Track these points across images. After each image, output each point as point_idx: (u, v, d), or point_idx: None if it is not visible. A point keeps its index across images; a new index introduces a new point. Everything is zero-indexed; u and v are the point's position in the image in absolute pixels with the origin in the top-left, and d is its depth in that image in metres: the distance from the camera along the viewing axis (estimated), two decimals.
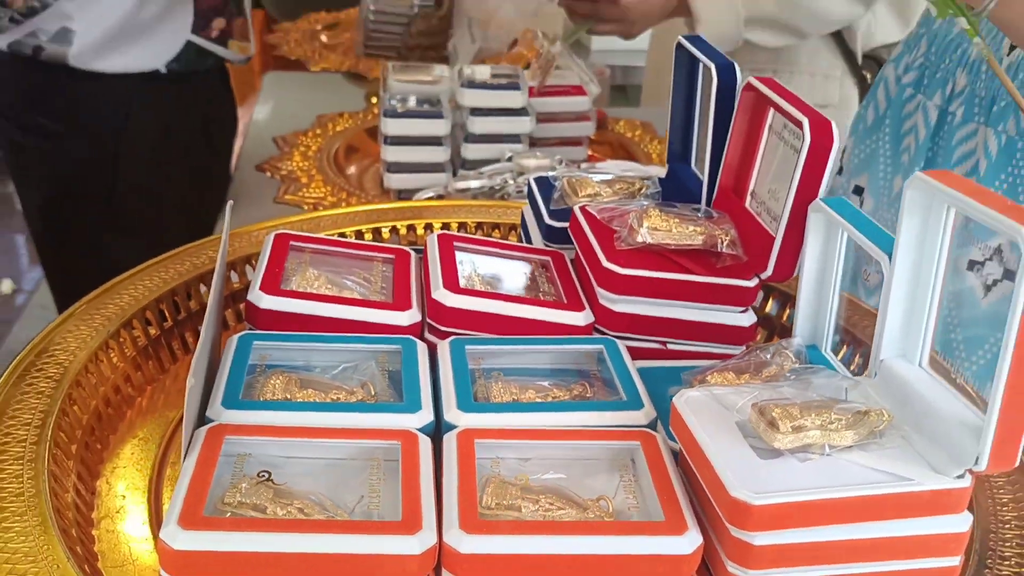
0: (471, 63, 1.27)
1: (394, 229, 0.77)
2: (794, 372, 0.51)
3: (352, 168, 1.14)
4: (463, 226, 0.79)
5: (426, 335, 0.57)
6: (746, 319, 0.58)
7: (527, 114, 1.03)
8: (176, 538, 0.39)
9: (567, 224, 0.63)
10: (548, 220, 0.65)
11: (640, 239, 0.57)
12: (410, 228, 0.77)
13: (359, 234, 0.76)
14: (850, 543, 0.41)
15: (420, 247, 0.64)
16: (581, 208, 0.62)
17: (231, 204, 0.62)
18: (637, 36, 1.26)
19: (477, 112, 1.02)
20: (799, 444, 0.42)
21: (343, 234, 0.74)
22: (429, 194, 1.01)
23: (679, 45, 0.65)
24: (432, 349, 0.55)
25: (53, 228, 1.15)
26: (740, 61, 1.56)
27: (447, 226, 0.78)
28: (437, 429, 0.49)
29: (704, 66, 0.62)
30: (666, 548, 0.41)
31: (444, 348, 0.54)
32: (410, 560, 0.40)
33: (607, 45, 2.10)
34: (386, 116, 1.01)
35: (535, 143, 1.07)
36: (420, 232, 0.77)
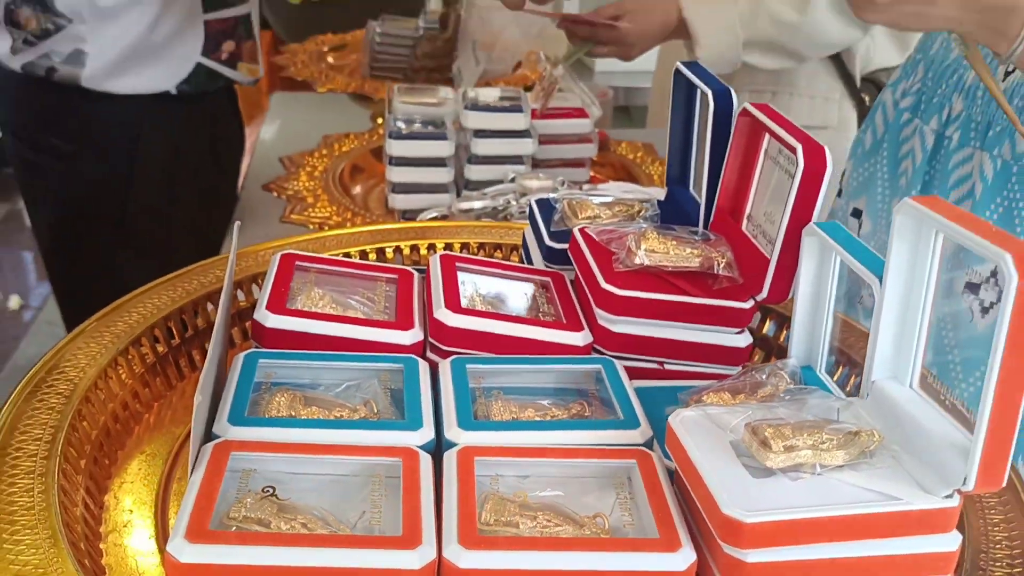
0: (475, 85, 1.29)
1: (398, 249, 0.78)
2: (789, 393, 0.52)
3: (357, 188, 1.15)
4: (466, 246, 0.80)
5: (428, 354, 0.58)
6: (742, 340, 0.59)
7: (530, 136, 1.04)
8: (183, 551, 0.40)
9: (567, 245, 0.65)
10: (548, 241, 0.67)
11: (638, 261, 0.58)
12: (413, 248, 0.79)
13: (363, 254, 0.77)
14: (841, 561, 0.42)
15: (423, 267, 0.66)
16: (580, 230, 0.63)
17: (238, 224, 0.63)
18: (635, 58, 1.28)
19: (481, 134, 1.04)
20: (791, 463, 0.43)
21: (348, 254, 0.76)
22: (433, 214, 1.02)
23: (677, 71, 0.67)
24: (434, 368, 0.56)
25: (63, 247, 1.17)
26: (739, 83, 1.58)
27: (450, 246, 0.79)
28: (438, 446, 0.50)
29: (701, 92, 0.63)
30: (660, 565, 0.42)
31: (445, 367, 0.55)
32: (410, 574, 0.41)
33: (611, 67, 2.12)
34: (391, 137, 1.03)
35: (537, 164, 1.09)
36: (423, 252, 0.79)
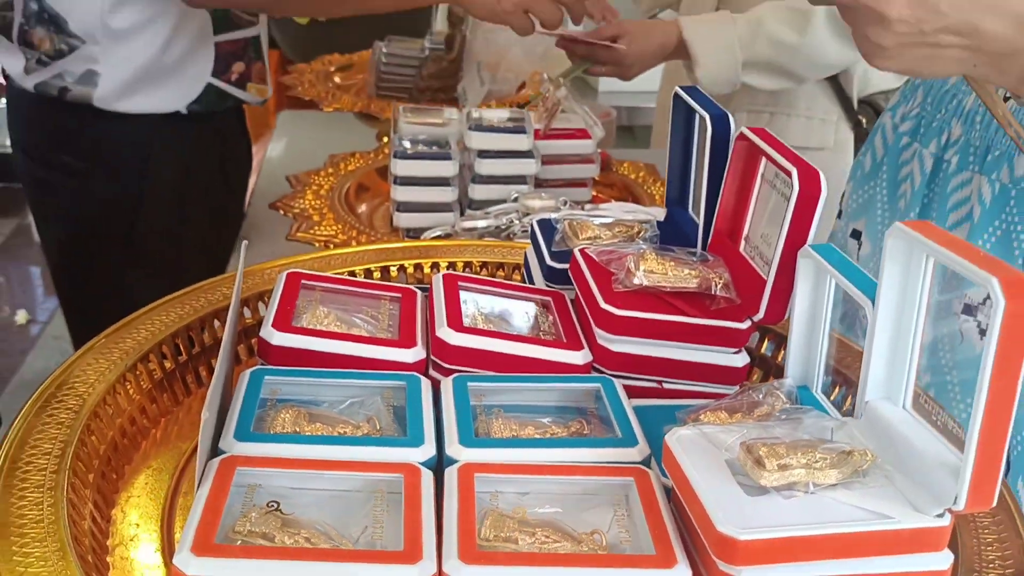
0: (480, 105, 1.30)
1: (402, 268, 0.80)
2: (785, 412, 0.53)
3: (363, 207, 1.17)
4: (468, 265, 0.81)
5: (430, 372, 0.59)
6: (739, 360, 0.60)
7: (533, 156, 1.06)
8: (189, 564, 0.41)
9: (567, 266, 0.66)
10: (549, 261, 0.68)
11: (637, 281, 0.59)
12: (417, 267, 0.80)
13: (368, 272, 0.78)
14: None
15: (427, 285, 0.67)
16: (581, 251, 0.64)
17: (245, 243, 0.65)
18: (633, 78, 1.29)
19: (484, 154, 1.05)
20: (784, 482, 0.44)
21: (353, 272, 0.77)
22: (437, 233, 1.03)
23: (676, 95, 0.68)
24: (436, 385, 0.57)
25: (73, 264, 1.18)
26: (738, 103, 1.59)
27: (453, 265, 0.80)
28: (439, 463, 0.51)
29: (700, 116, 0.65)
30: None
31: (447, 385, 0.56)
32: None
33: (614, 87, 2.14)
34: (396, 157, 1.04)
35: (540, 184, 1.10)
36: (427, 271, 0.80)
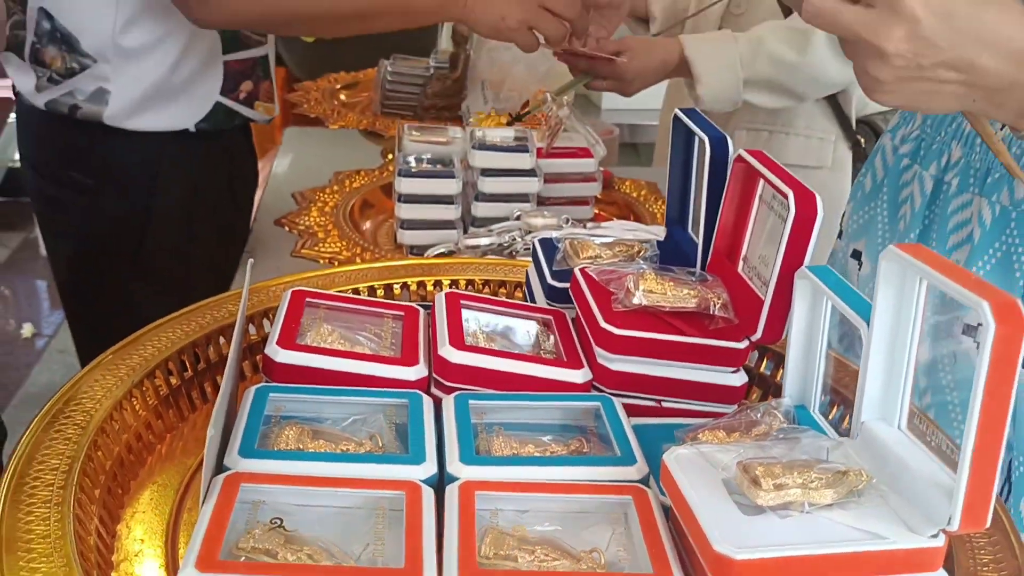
0: (482, 119, 1.31)
1: (405, 285, 0.80)
2: (782, 432, 0.54)
3: (367, 224, 1.18)
4: (471, 283, 0.82)
5: (432, 390, 0.60)
6: (737, 379, 0.61)
7: (535, 175, 1.07)
8: None
9: (568, 285, 0.67)
10: (550, 280, 0.69)
11: (636, 301, 0.60)
12: (420, 284, 0.81)
13: (372, 290, 0.79)
14: None
15: (430, 303, 0.68)
16: (581, 270, 0.65)
17: (251, 262, 0.66)
18: (634, 94, 1.31)
19: (487, 173, 1.06)
20: (780, 501, 0.45)
21: (357, 290, 0.78)
22: (440, 250, 1.04)
23: (676, 117, 0.69)
24: (437, 403, 0.58)
25: (80, 280, 1.19)
26: (738, 120, 1.60)
27: (456, 283, 0.81)
28: (440, 480, 0.51)
29: (699, 138, 0.66)
30: None
31: (449, 403, 0.57)
32: None
33: (617, 104, 2.15)
34: (400, 175, 1.05)
35: (543, 202, 1.11)
36: (430, 288, 0.81)
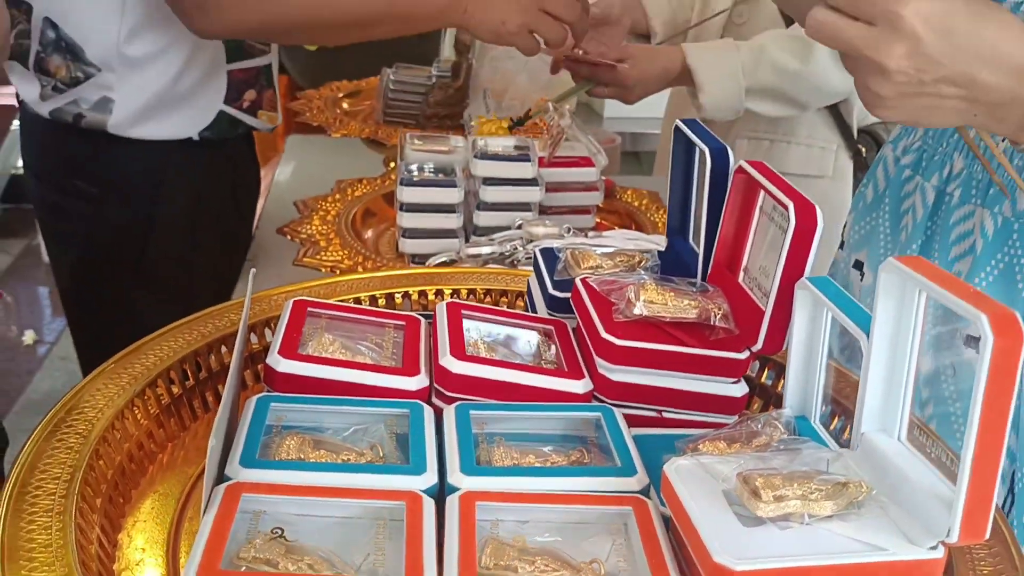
0: (483, 124, 1.31)
1: (406, 295, 0.81)
2: (783, 443, 0.54)
3: (369, 232, 1.18)
4: (472, 293, 0.82)
5: (433, 400, 0.60)
6: (737, 390, 0.61)
7: (537, 184, 1.07)
8: None
9: (569, 295, 0.67)
10: (552, 290, 0.69)
11: (637, 312, 0.60)
12: (422, 294, 0.81)
13: (374, 299, 0.79)
14: None
15: (430, 313, 0.68)
16: (582, 280, 0.65)
17: (253, 271, 0.66)
18: (636, 101, 1.31)
19: (489, 182, 1.06)
20: (780, 513, 0.45)
21: (359, 299, 0.78)
22: (442, 258, 1.05)
23: (676, 128, 0.69)
24: (438, 413, 0.58)
25: (83, 287, 1.19)
26: (740, 129, 1.61)
27: (457, 293, 0.81)
28: (441, 490, 0.51)
29: (699, 149, 0.66)
30: None
31: (450, 413, 0.57)
32: None
33: (620, 113, 2.16)
34: (402, 184, 1.06)
35: (544, 211, 1.11)
36: (431, 298, 0.81)
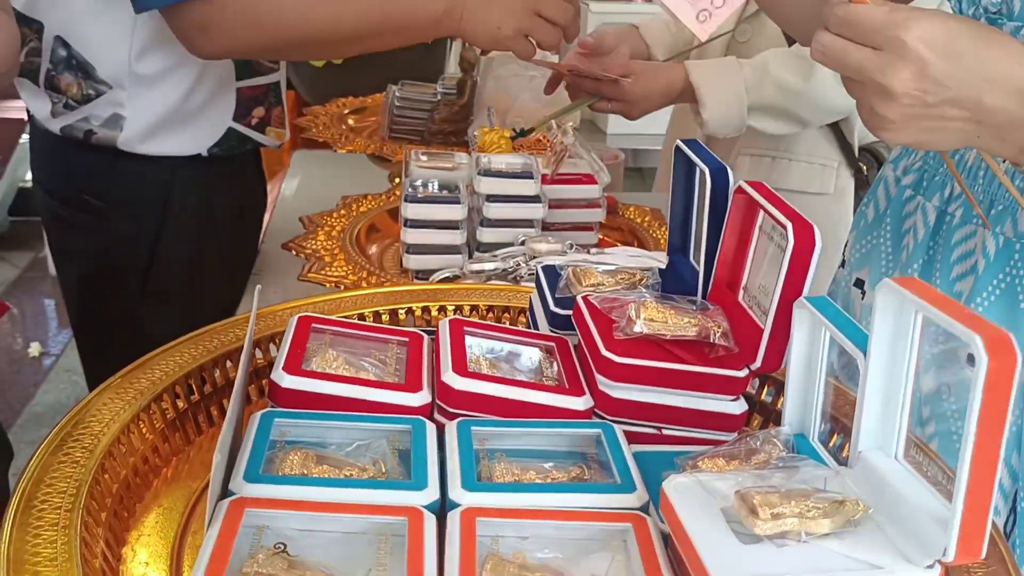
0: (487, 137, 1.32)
1: (410, 311, 0.81)
2: (781, 460, 0.54)
3: (373, 248, 1.19)
4: (475, 309, 0.83)
5: (435, 415, 0.61)
6: (737, 407, 0.61)
7: (540, 201, 1.08)
8: None
9: (571, 312, 0.67)
10: (553, 307, 0.70)
11: (637, 329, 0.61)
12: (425, 310, 0.82)
13: (377, 315, 0.80)
14: None
15: (433, 329, 0.69)
16: (584, 298, 0.66)
17: (259, 288, 0.67)
18: (638, 117, 1.33)
19: (493, 198, 1.07)
20: (777, 530, 0.45)
21: (363, 315, 0.79)
22: (446, 274, 1.05)
23: (677, 148, 0.70)
24: (440, 429, 0.58)
25: (90, 300, 1.20)
26: (742, 146, 1.61)
27: (460, 309, 0.82)
28: (442, 506, 0.52)
29: (700, 169, 0.67)
30: None
31: (451, 429, 0.57)
32: None
33: (623, 129, 2.18)
34: (407, 201, 1.06)
35: (547, 228, 1.12)
36: (435, 314, 0.82)
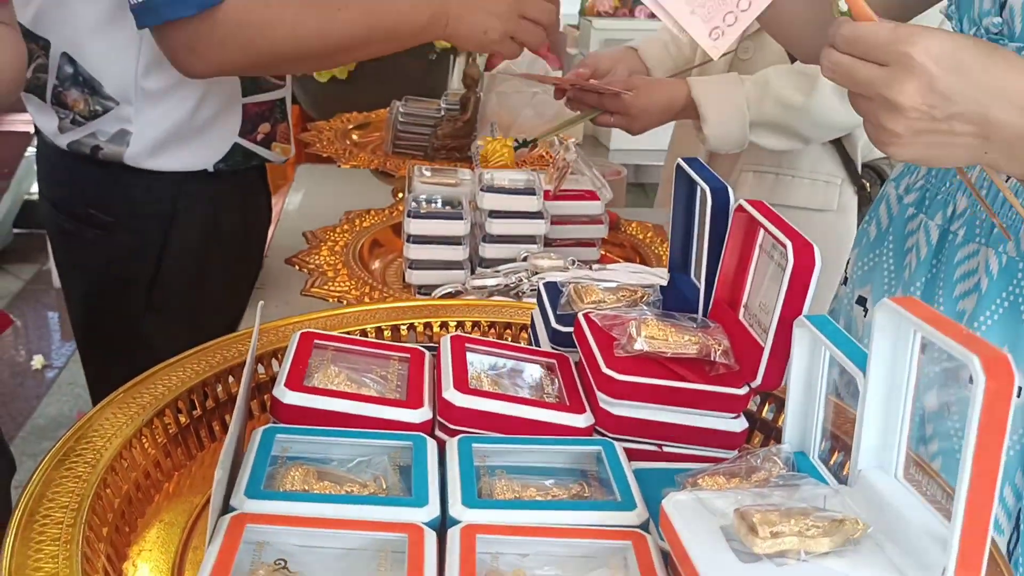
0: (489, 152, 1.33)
1: (411, 326, 0.82)
2: (781, 478, 0.54)
3: (376, 263, 1.19)
4: (477, 325, 0.83)
5: (436, 432, 0.61)
6: (737, 425, 0.61)
7: (542, 217, 1.08)
8: None
9: (572, 329, 0.68)
10: (555, 324, 0.70)
11: (638, 347, 0.61)
12: (427, 326, 0.82)
13: (379, 331, 0.80)
14: None
15: (435, 345, 0.69)
16: (585, 315, 0.66)
17: (261, 304, 0.67)
18: (640, 132, 1.33)
19: (495, 214, 1.08)
20: (777, 549, 0.45)
21: (365, 331, 0.79)
22: (448, 290, 1.06)
23: (678, 167, 0.71)
24: (441, 446, 0.58)
25: (94, 314, 1.20)
26: (745, 162, 1.62)
27: (462, 325, 0.82)
28: (443, 522, 0.52)
29: (701, 188, 0.67)
30: None
31: (452, 445, 0.58)
32: None
33: (626, 145, 2.19)
34: (409, 216, 1.07)
35: (549, 244, 1.12)
36: (436, 329, 0.82)
